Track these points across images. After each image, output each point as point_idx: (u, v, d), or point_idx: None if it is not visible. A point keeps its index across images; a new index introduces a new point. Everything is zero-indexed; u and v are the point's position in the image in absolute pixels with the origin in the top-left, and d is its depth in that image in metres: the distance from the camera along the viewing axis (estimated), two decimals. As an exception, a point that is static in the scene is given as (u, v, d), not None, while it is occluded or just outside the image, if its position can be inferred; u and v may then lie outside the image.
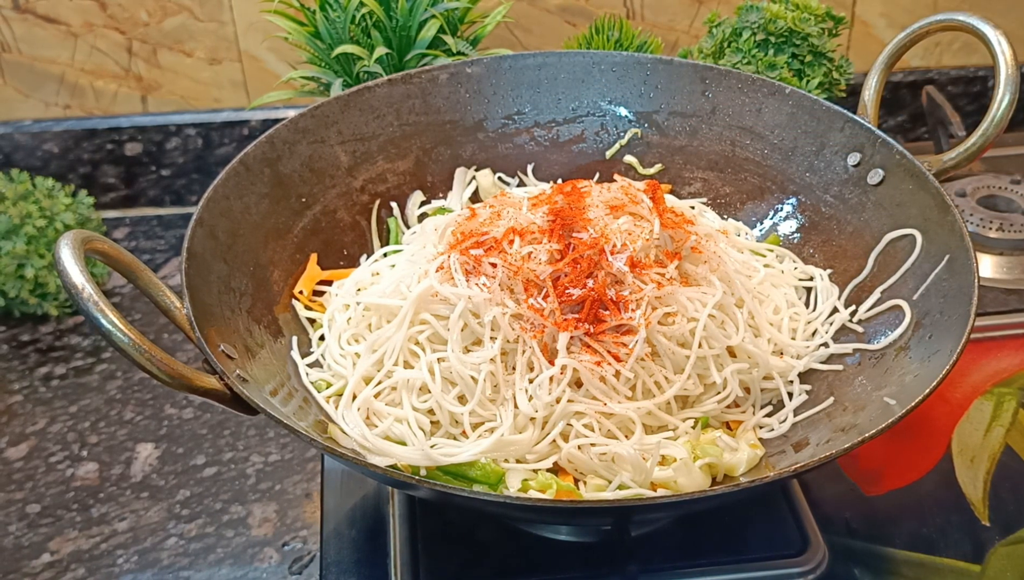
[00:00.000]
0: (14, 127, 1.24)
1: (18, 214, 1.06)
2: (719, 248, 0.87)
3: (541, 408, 0.77)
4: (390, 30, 1.07)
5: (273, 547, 0.86)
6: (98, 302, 0.67)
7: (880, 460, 0.91)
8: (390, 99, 1.00)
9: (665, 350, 0.79)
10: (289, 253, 0.92)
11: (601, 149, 1.05)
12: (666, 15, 1.27)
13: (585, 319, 0.77)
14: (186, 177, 1.28)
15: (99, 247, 0.74)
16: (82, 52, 1.23)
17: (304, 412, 0.79)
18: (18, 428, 0.97)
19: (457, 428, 0.79)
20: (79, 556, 0.86)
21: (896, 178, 0.90)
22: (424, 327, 0.81)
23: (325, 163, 0.96)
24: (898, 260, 0.87)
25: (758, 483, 0.68)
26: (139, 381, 1.02)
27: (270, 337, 0.85)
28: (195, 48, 1.24)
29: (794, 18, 1.10)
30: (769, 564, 0.82)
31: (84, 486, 0.92)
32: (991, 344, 1.03)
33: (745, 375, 0.83)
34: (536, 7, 1.25)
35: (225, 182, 0.87)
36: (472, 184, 1.03)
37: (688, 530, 0.84)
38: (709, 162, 1.02)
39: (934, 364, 0.75)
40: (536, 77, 1.04)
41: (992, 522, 0.86)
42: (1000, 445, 0.93)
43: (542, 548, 0.83)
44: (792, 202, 0.98)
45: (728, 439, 0.80)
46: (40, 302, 1.08)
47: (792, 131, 0.97)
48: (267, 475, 0.92)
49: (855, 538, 0.85)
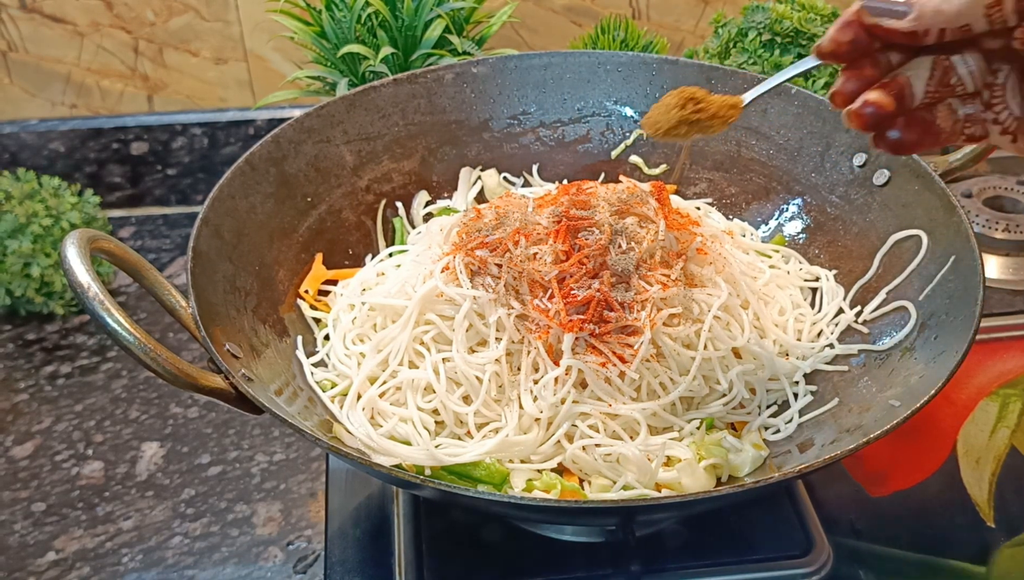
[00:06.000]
0: (20, 126, 1.24)
1: (24, 213, 1.06)
2: (724, 249, 0.87)
3: (546, 409, 0.77)
4: (396, 30, 1.07)
5: (278, 546, 0.86)
6: (104, 301, 0.67)
7: (885, 461, 0.91)
8: (396, 99, 1.00)
9: (670, 351, 0.79)
10: (294, 253, 0.92)
11: (606, 149, 1.05)
12: (672, 15, 1.27)
13: (590, 320, 0.77)
14: (192, 176, 1.28)
15: (105, 246, 0.75)
16: (88, 52, 1.23)
17: (309, 411, 0.79)
18: (24, 427, 0.98)
19: (462, 428, 0.79)
20: (84, 555, 0.86)
21: (902, 179, 0.89)
22: (429, 327, 0.81)
23: (330, 163, 0.97)
24: (904, 261, 0.87)
25: (763, 484, 0.68)
26: (144, 380, 1.02)
27: (275, 336, 0.85)
28: (201, 48, 1.24)
29: (800, 18, 1.10)
30: (774, 565, 0.82)
31: (89, 485, 0.92)
32: (997, 345, 1.03)
33: (751, 376, 0.82)
34: (542, 7, 1.25)
35: (231, 182, 0.88)
36: (477, 184, 1.03)
37: (692, 531, 0.84)
38: (715, 162, 1.02)
39: (939, 365, 0.75)
40: (542, 77, 1.04)
41: (997, 523, 0.86)
42: (1005, 446, 0.92)
43: (546, 548, 0.83)
44: (798, 203, 0.98)
45: (733, 440, 0.80)
46: (46, 301, 1.09)
47: (798, 131, 0.97)
48: (272, 474, 0.92)
49: (860, 539, 0.85)
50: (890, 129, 0.63)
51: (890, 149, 0.64)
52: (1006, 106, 0.62)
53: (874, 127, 0.63)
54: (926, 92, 0.62)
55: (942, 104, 0.63)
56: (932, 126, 0.63)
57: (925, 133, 0.63)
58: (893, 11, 0.60)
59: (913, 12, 0.60)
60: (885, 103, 0.62)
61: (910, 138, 0.63)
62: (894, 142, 0.63)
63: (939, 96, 0.62)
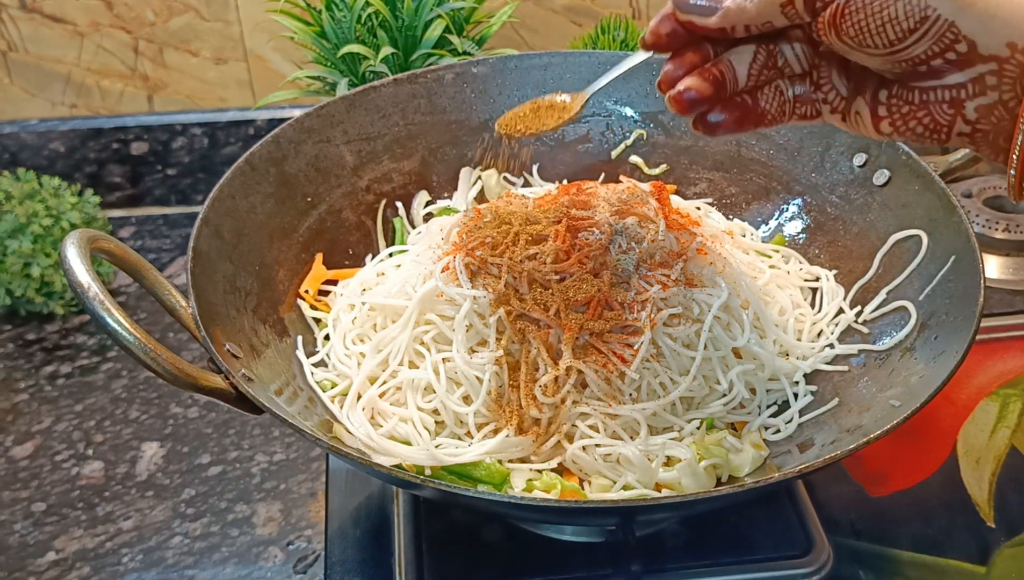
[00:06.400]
0: (20, 126, 1.24)
1: (24, 213, 1.06)
2: (724, 249, 0.87)
3: (546, 409, 0.77)
4: (396, 30, 1.07)
5: (278, 546, 0.86)
6: (104, 301, 0.67)
7: (885, 461, 0.91)
8: (396, 99, 1.00)
9: (670, 351, 0.79)
10: (294, 253, 0.92)
11: (606, 149, 1.05)
12: (672, 15, 1.27)
13: (590, 320, 0.77)
14: (192, 176, 1.28)
15: (105, 246, 0.75)
16: (88, 51, 1.23)
17: (309, 411, 0.79)
18: (24, 427, 0.98)
19: (462, 428, 0.79)
20: (84, 555, 0.86)
21: (902, 179, 0.89)
22: (429, 327, 0.81)
23: (331, 163, 0.97)
24: (904, 261, 0.87)
25: (763, 484, 0.68)
26: (144, 380, 1.02)
27: (275, 336, 0.85)
28: (201, 48, 1.24)
29: (800, 18, 1.10)
30: (774, 565, 0.82)
31: (89, 485, 0.92)
32: (997, 345, 1.03)
33: (751, 376, 0.82)
34: (542, 7, 1.25)
35: (231, 181, 0.88)
36: (477, 184, 1.02)
37: (692, 531, 0.84)
38: (715, 162, 1.02)
39: (939, 365, 0.75)
40: (542, 77, 1.04)
41: (997, 523, 0.86)
42: (1006, 446, 0.92)
43: (546, 548, 0.83)
44: (798, 203, 0.98)
45: (733, 440, 0.80)
46: (46, 301, 1.09)
47: (798, 131, 0.97)
48: (272, 474, 0.92)
49: (860, 539, 0.85)
50: (709, 112, 0.65)
51: (707, 131, 0.66)
52: (833, 86, 0.65)
53: (692, 110, 0.65)
54: (750, 74, 0.64)
55: (770, 86, 0.65)
56: (753, 108, 0.65)
57: (745, 115, 0.65)
58: (701, 9, 0.63)
59: (720, 11, 0.62)
60: (702, 88, 0.64)
61: (728, 120, 0.65)
62: (712, 124, 0.66)
63: (767, 78, 0.65)
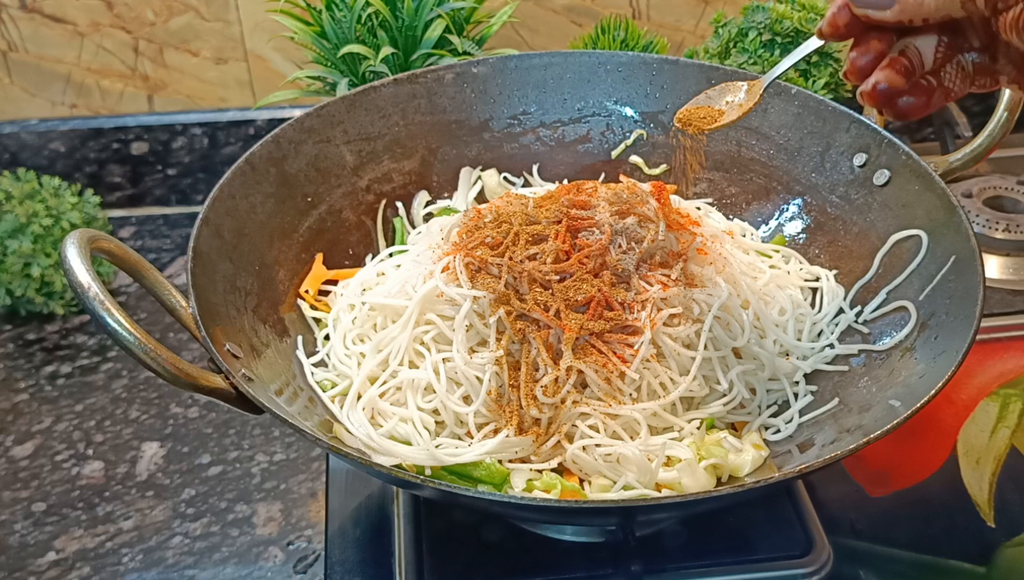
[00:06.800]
0: (20, 126, 1.24)
1: (24, 213, 1.06)
2: (725, 249, 0.87)
3: (546, 409, 0.77)
4: (396, 30, 1.07)
5: (278, 546, 0.86)
6: (104, 301, 0.67)
7: (885, 461, 0.91)
8: (396, 99, 1.00)
9: (671, 351, 0.79)
10: (295, 252, 0.92)
11: (607, 149, 1.05)
12: (672, 15, 1.27)
13: (591, 320, 0.77)
14: (192, 176, 1.28)
15: (105, 246, 0.75)
16: (88, 51, 1.23)
17: (309, 411, 0.79)
18: (24, 427, 0.98)
19: (462, 428, 0.79)
20: (84, 555, 0.86)
21: (902, 179, 0.89)
22: (429, 327, 0.81)
23: (331, 163, 0.97)
24: (904, 261, 0.87)
25: (763, 484, 0.68)
26: (145, 380, 1.02)
27: (275, 336, 0.85)
28: (201, 48, 1.24)
29: (800, 18, 1.10)
30: (774, 565, 0.82)
31: (89, 485, 0.92)
32: (997, 345, 1.03)
33: (751, 376, 0.83)
34: (542, 7, 1.25)
35: (231, 181, 0.88)
36: (477, 184, 1.03)
37: (693, 531, 0.84)
38: (715, 162, 1.02)
39: (940, 365, 0.75)
40: (542, 77, 1.04)
41: (998, 523, 0.86)
42: (1006, 446, 0.92)
43: (546, 548, 0.83)
44: (798, 203, 0.98)
45: (733, 440, 0.80)
46: (46, 301, 1.09)
47: (798, 131, 0.97)
48: (272, 474, 0.92)
49: (860, 539, 0.85)
50: (900, 97, 0.64)
51: (897, 116, 0.65)
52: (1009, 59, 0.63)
53: (886, 103, 0.64)
54: (936, 58, 0.63)
55: (951, 63, 0.64)
56: (939, 87, 0.64)
57: (932, 95, 0.64)
58: (877, 3, 0.62)
59: (896, 5, 0.61)
60: (894, 80, 0.63)
61: (917, 103, 0.64)
62: (903, 109, 0.64)
63: (949, 56, 0.63)
